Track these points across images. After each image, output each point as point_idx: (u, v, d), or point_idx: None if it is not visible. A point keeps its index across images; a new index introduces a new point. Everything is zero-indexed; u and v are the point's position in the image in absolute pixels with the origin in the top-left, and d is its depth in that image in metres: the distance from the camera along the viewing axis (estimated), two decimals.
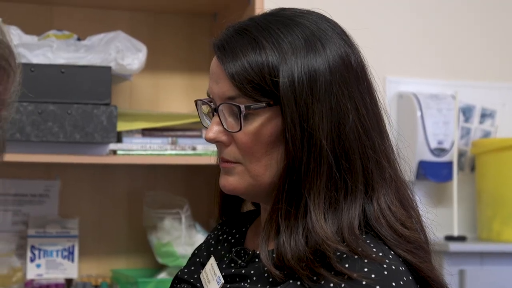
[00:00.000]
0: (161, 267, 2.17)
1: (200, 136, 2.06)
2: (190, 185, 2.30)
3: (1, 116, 0.96)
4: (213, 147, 1.95)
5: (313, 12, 1.16)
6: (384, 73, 2.52)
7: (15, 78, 0.97)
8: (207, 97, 1.16)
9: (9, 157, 1.82)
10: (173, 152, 2.02)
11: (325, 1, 1.45)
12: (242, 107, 1.09)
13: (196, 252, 1.32)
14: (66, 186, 2.20)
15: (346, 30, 1.16)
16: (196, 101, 1.20)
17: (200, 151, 2.03)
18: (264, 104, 1.09)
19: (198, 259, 1.28)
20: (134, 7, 2.17)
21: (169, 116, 2.07)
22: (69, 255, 2.14)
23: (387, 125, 1.17)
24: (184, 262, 2.06)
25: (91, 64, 1.90)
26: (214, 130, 1.13)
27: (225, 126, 1.12)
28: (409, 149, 1.24)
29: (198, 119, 1.99)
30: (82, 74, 1.87)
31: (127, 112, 2.00)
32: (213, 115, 1.15)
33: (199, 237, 2.15)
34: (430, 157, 2.53)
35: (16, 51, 0.98)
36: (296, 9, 1.16)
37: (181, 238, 2.13)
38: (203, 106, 1.19)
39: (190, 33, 2.30)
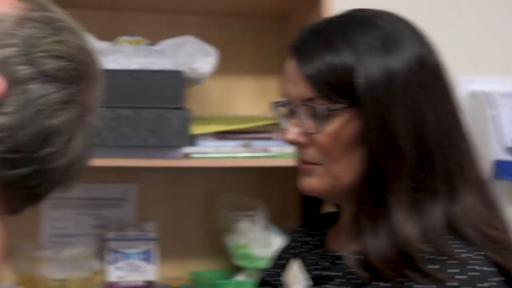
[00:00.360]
0: (238, 269, 2.19)
1: (271, 139, 2.07)
2: (263, 187, 2.31)
3: (86, 121, 0.99)
4: (285, 149, 1.99)
5: (388, 12, 1.16)
6: (456, 72, 2.48)
7: (98, 84, 1.00)
8: (284, 99, 1.17)
9: None
10: (246, 154, 2.03)
11: (396, 1, 1.44)
12: (322, 108, 1.10)
13: (277, 254, 1.33)
14: (143, 190, 2.24)
15: (421, 30, 1.15)
16: (272, 103, 1.21)
17: (272, 153, 2.04)
18: (344, 106, 1.09)
19: (280, 262, 1.29)
20: (203, 11, 2.20)
21: (242, 118, 2.09)
22: (148, 258, 2.17)
23: (466, 125, 1.16)
24: (261, 263, 2.09)
25: (163, 68, 1.93)
26: (293, 131, 1.14)
27: (304, 128, 1.13)
28: (483, 148, 1.22)
29: (270, 122, 2.04)
30: (155, 79, 1.90)
31: (200, 115, 2.03)
32: (291, 117, 1.15)
33: (275, 239, 2.16)
34: (505, 156, 2.48)
35: (98, 57, 1.01)
36: (371, 10, 1.16)
37: (257, 239, 2.14)
38: (279, 108, 1.20)
39: (259, 36, 2.31)
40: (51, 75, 0.93)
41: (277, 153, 2.04)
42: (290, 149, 2.04)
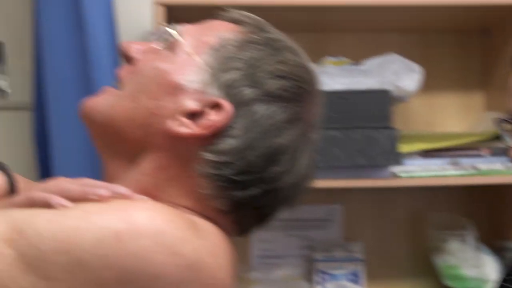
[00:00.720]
0: None
1: (480, 155, 2.01)
2: (470, 206, 2.25)
3: (309, 139, 1.00)
4: (495, 166, 1.93)
5: None
6: None
7: (318, 101, 1.01)
8: (509, 115, 1.13)
9: None
10: (454, 172, 1.98)
11: None
12: None
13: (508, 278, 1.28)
14: (348, 210, 2.24)
15: None
16: (496, 119, 1.17)
17: (481, 170, 1.98)
18: None
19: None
20: (404, 28, 2.18)
21: (449, 136, 2.04)
22: (355, 279, 2.17)
23: None
24: (473, 284, 2.03)
25: (369, 88, 1.93)
26: None
27: None
28: None
29: (478, 138, 1.98)
30: (362, 99, 1.90)
31: (406, 133, 2.00)
32: None
33: (486, 259, 2.09)
34: None
35: (317, 75, 1.02)
36: None
37: (469, 259, 2.08)
38: (503, 124, 1.16)
39: (461, 51, 2.26)
40: (275, 95, 0.95)
41: (486, 170, 1.98)
42: (500, 166, 1.98)
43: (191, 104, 0.94)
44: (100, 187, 0.86)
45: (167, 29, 1.00)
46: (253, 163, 0.94)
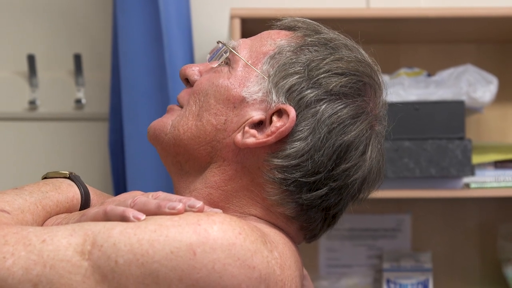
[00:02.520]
0: None
1: None
2: None
3: (376, 131, 1.00)
4: None
5: None
6: None
7: (381, 93, 1.01)
8: None
9: None
10: None
11: None
12: None
13: None
14: (417, 220, 2.24)
15: None
16: None
17: None
18: None
19: None
20: (480, 39, 2.17)
21: None
22: None
23: None
24: None
25: (443, 99, 1.93)
26: None
27: None
28: None
29: None
30: (435, 110, 1.90)
31: (479, 144, 1.99)
32: None
33: None
34: None
35: (378, 68, 1.02)
36: None
37: None
38: None
39: None
40: (337, 92, 0.96)
41: None
42: None
43: (256, 114, 0.97)
44: (175, 201, 0.88)
45: (223, 45, 1.02)
46: (321, 163, 0.95)
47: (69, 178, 1.03)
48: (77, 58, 2.17)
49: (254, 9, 1.96)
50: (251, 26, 1.94)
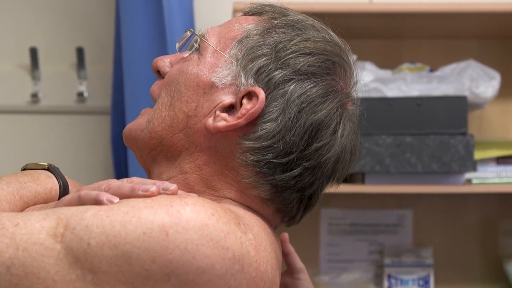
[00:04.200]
0: None
1: None
2: None
3: (348, 110, 1.00)
4: None
5: None
6: None
7: (352, 72, 1.01)
8: None
9: (368, 188, 1.92)
10: None
11: None
12: None
13: None
14: (419, 215, 2.24)
15: None
16: None
17: None
18: None
19: None
20: (482, 34, 2.17)
21: None
22: (425, 284, 2.16)
23: None
24: None
25: (445, 94, 1.93)
26: None
27: None
28: None
29: None
30: (438, 105, 1.90)
31: (481, 140, 1.99)
32: None
33: None
34: None
35: (348, 48, 1.02)
36: None
37: None
38: None
39: None
40: (305, 72, 0.96)
41: None
42: None
43: (226, 98, 0.97)
44: (149, 184, 0.88)
45: (192, 34, 1.03)
46: (292, 143, 0.95)
47: (48, 169, 1.03)
48: (80, 51, 2.17)
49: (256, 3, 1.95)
50: None
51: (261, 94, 0.95)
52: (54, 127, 2.21)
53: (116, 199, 0.86)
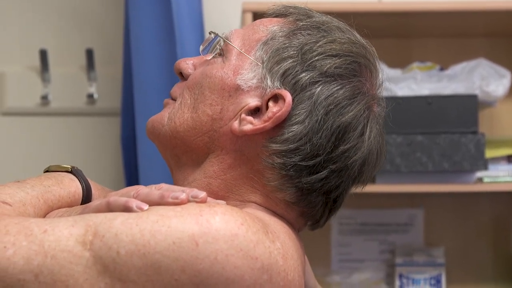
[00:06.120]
0: None
1: None
2: None
3: (375, 112, 1.00)
4: None
5: None
6: None
7: (377, 74, 1.01)
8: None
9: (379, 187, 1.91)
10: None
11: None
12: None
13: None
14: (430, 214, 2.23)
15: None
16: None
17: None
18: None
19: None
20: (492, 33, 2.16)
21: None
22: (437, 284, 2.16)
23: None
24: None
25: (456, 93, 1.92)
26: None
27: None
28: None
29: None
30: (448, 104, 1.90)
31: (492, 138, 1.99)
32: None
33: None
34: None
35: (373, 49, 1.02)
36: None
37: None
38: None
39: None
40: (331, 74, 0.96)
41: None
42: None
43: (252, 101, 0.97)
44: (178, 191, 0.88)
45: (216, 36, 1.03)
46: (319, 146, 0.94)
47: (71, 172, 1.02)
48: (89, 53, 2.18)
49: (266, 3, 1.93)
50: None
51: (288, 96, 0.94)
52: (64, 129, 2.21)
53: (146, 206, 0.85)
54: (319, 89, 0.95)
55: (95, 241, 0.82)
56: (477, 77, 1.93)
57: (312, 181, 0.95)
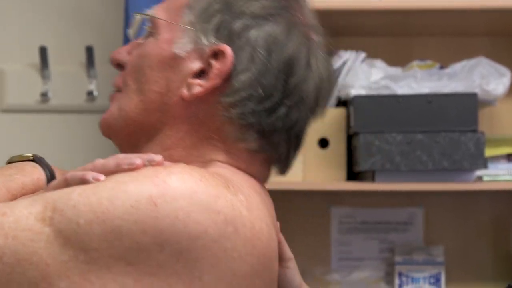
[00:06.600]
0: None
1: None
2: None
3: (314, 40, 0.99)
4: None
5: None
6: None
7: (305, 3, 1.01)
8: None
9: (379, 186, 1.91)
10: None
11: None
12: None
13: None
14: (429, 213, 2.23)
15: None
16: None
17: None
18: None
19: None
20: (492, 31, 2.16)
21: None
22: (436, 282, 2.16)
23: None
24: None
25: (456, 91, 1.92)
26: None
27: None
28: None
29: None
30: (448, 102, 1.90)
31: (492, 137, 1.99)
32: None
33: None
34: None
35: None
36: None
37: None
38: None
39: None
40: (262, 15, 0.96)
41: None
42: None
43: (194, 65, 0.96)
44: (133, 158, 0.87)
45: (140, 17, 1.03)
46: (270, 86, 0.95)
47: (33, 160, 1.03)
48: (89, 50, 2.18)
49: None
50: None
51: (226, 49, 0.94)
52: (64, 126, 2.21)
53: (102, 177, 0.85)
54: (254, 32, 0.95)
55: (55, 216, 0.82)
56: (477, 76, 1.93)
57: (272, 121, 0.95)
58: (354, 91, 1.92)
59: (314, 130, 1.98)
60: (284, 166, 1.02)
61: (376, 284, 2.20)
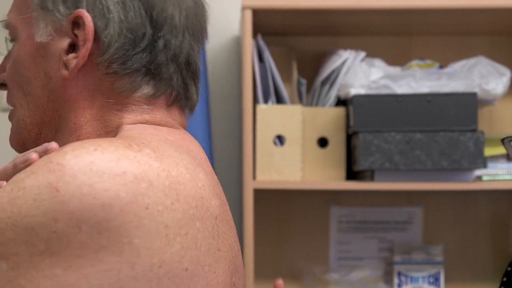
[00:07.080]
0: None
1: None
2: None
3: None
4: None
5: None
6: None
7: None
8: None
9: (378, 185, 1.91)
10: None
11: None
12: None
13: None
14: (429, 213, 2.23)
15: None
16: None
17: None
18: None
19: None
20: (492, 31, 2.16)
21: None
22: (435, 282, 2.16)
23: None
24: None
25: (455, 91, 1.92)
26: None
27: None
28: None
29: None
30: (447, 102, 1.89)
31: (492, 137, 1.99)
32: None
33: None
34: None
35: None
36: None
37: None
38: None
39: None
40: None
41: None
42: None
43: (61, 43, 0.96)
44: (28, 153, 0.86)
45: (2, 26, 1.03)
46: (137, 26, 0.94)
47: None
48: None
49: (265, 0, 1.95)
50: (263, 17, 1.94)
51: (81, 12, 0.94)
52: None
53: (3, 183, 0.83)
54: None
55: None
56: (476, 75, 1.92)
57: (154, 58, 0.95)
58: (354, 91, 1.92)
59: (314, 129, 1.99)
60: (188, 101, 1.00)
61: (375, 283, 2.20)
